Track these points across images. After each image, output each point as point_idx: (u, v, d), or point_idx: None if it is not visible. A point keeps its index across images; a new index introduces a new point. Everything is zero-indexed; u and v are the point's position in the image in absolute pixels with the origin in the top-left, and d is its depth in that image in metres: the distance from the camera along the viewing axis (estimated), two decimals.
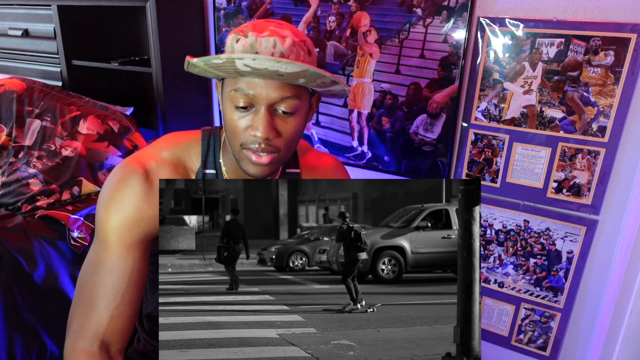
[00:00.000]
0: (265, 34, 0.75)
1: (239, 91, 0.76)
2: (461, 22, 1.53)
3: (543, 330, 1.67)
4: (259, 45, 0.74)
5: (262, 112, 0.76)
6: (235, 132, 0.79)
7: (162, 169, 0.86)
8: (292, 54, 0.75)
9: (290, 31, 0.77)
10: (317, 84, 0.77)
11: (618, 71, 1.35)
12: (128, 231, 0.82)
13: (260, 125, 0.76)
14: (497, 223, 1.65)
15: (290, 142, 0.81)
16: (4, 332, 1.41)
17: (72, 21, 2.10)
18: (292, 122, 0.79)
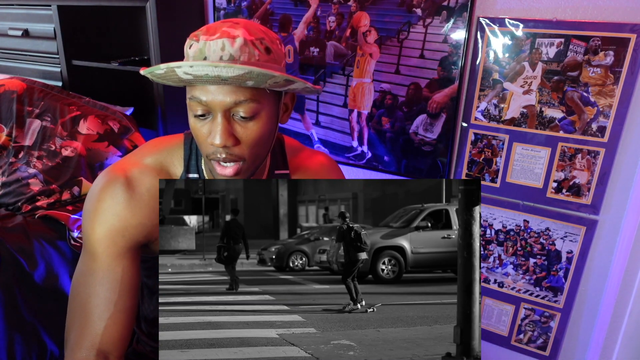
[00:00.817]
0: (215, 37, 0.72)
1: (193, 99, 0.74)
2: (461, 22, 1.53)
3: (543, 330, 1.68)
4: (207, 50, 0.72)
5: (218, 119, 0.74)
6: (199, 141, 0.78)
7: (145, 175, 0.84)
8: (244, 54, 0.72)
9: (244, 30, 0.73)
10: (270, 85, 0.73)
11: (618, 71, 1.35)
12: (113, 241, 0.81)
13: (217, 132, 0.73)
14: (497, 223, 1.65)
15: (254, 148, 0.78)
16: (4, 332, 1.41)
17: (72, 21, 2.10)
18: (253, 127, 0.76)
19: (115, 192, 0.82)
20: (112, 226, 0.81)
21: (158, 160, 0.88)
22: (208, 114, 0.75)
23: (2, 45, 2.40)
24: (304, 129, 1.94)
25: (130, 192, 0.82)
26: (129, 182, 0.83)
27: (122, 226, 0.82)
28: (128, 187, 0.83)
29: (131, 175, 0.84)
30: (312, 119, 1.91)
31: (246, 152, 0.77)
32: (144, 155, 0.88)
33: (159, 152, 0.89)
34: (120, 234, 0.82)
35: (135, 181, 0.83)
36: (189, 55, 0.74)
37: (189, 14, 1.98)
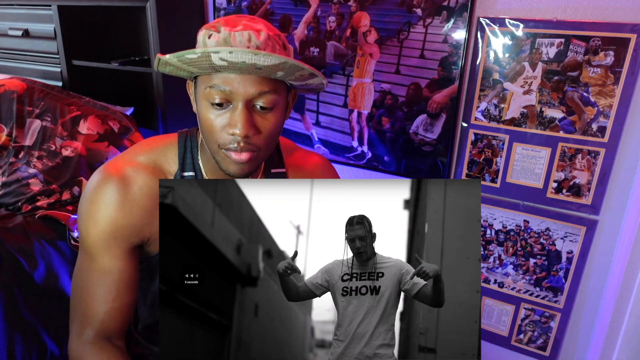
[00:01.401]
0: (239, 28, 0.72)
1: (214, 88, 0.73)
2: (461, 22, 1.53)
3: (543, 330, 1.67)
4: (232, 40, 0.72)
5: (240, 109, 0.74)
6: (212, 131, 0.77)
7: (138, 174, 0.84)
8: (268, 47, 0.73)
9: (263, 25, 0.75)
10: (296, 77, 0.75)
11: (618, 71, 1.35)
12: (108, 243, 0.82)
13: (239, 122, 0.74)
14: (497, 223, 1.65)
15: (269, 139, 0.79)
16: (4, 332, 1.41)
17: (72, 21, 2.10)
18: (271, 118, 0.77)
19: (107, 192, 0.82)
20: (105, 229, 0.82)
21: (151, 159, 0.87)
22: (227, 103, 0.75)
23: (2, 45, 2.40)
24: (304, 129, 1.94)
25: (122, 193, 0.82)
26: (122, 182, 0.82)
27: (114, 228, 0.82)
28: (121, 187, 0.82)
29: (124, 174, 0.83)
30: (312, 119, 1.91)
31: (263, 142, 0.78)
32: (137, 154, 0.88)
33: (153, 151, 0.89)
34: (113, 235, 0.82)
35: (129, 180, 0.83)
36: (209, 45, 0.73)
37: (189, 14, 1.98)
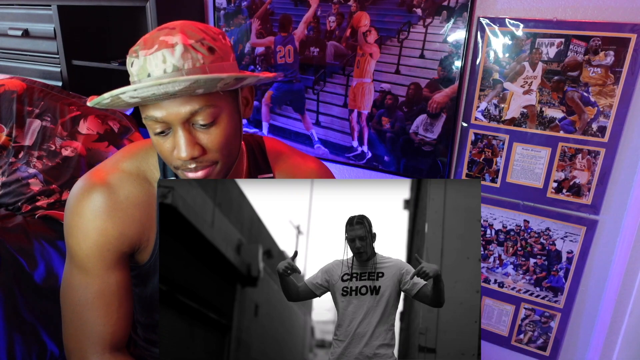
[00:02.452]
0: (154, 49, 0.69)
1: (148, 118, 0.72)
2: (461, 22, 1.53)
3: (543, 330, 1.68)
4: (149, 65, 0.69)
5: (179, 133, 0.72)
6: (165, 156, 0.76)
7: (123, 181, 0.82)
8: (187, 61, 0.68)
9: (181, 35, 0.70)
10: (221, 87, 0.70)
11: (618, 71, 1.35)
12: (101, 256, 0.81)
13: (182, 145, 0.72)
14: (497, 223, 1.65)
15: (224, 150, 0.76)
16: (4, 332, 1.41)
17: (72, 21, 2.10)
18: (215, 131, 0.73)
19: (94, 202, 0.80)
20: (96, 241, 0.80)
21: (135, 165, 0.86)
22: (168, 129, 0.73)
23: (2, 45, 2.40)
24: (304, 129, 1.94)
25: (109, 201, 0.80)
26: (107, 190, 0.81)
27: (106, 240, 0.80)
28: (106, 195, 0.80)
29: (109, 182, 0.81)
30: (312, 119, 1.91)
31: (217, 155, 0.76)
32: (119, 161, 0.86)
33: (135, 157, 0.87)
34: (106, 248, 0.81)
35: (114, 188, 0.81)
36: (133, 74, 0.71)
37: (189, 14, 1.98)
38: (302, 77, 1.88)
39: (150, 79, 0.67)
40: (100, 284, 0.81)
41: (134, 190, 0.83)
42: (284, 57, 1.89)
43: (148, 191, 0.85)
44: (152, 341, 1.05)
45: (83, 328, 0.82)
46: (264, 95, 1.98)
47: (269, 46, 1.90)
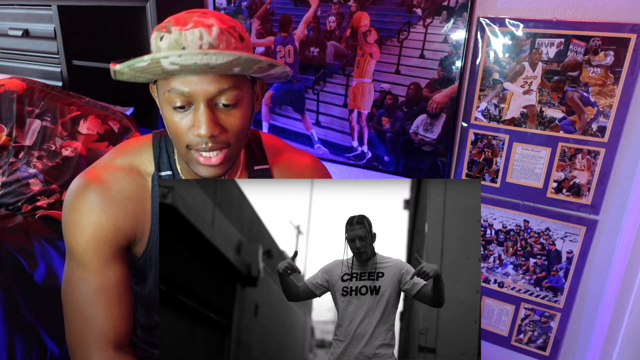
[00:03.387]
0: (190, 26, 0.70)
1: (172, 91, 0.72)
2: (461, 22, 1.53)
3: (543, 330, 1.68)
4: (184, 40, 0.70)
5: (201, 109, 0.72)
6: (178, 134, 0.76)
7: (116, 177, 0.84)
8: (222, 43, 0.70)
9: (215, 19, 0.72)
10: (254, 70, 0.73)
11: (618, 71, 1.35)
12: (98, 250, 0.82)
13: (203, 122, 0.72)
14: (497, 223, 1.65)
15: (239, 135, 0.77)
16: (4, 332, 1.41)
17: (72, 21, 2.10)
18: (236, 114, 0.75)
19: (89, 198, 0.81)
20: (92, 235, 0.81)
21: (127, 161, 0.87)
22: (188, 105, 0.73)
23: (2, 45, 2.40)
24: (304, 129, 1.94)
25: (103, 197, 0.82)
26: (101, 186, 0.82)
27: (101, 233, 0.82)
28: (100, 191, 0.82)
29: (102, 178, 0.83)
30: (312, 119, 1.91)
31: (232, 138, 0.77)
32: (112, 158, 0.88)
33: (127, 154, 0.88)
34: (102, 241, 0.82)
35: (107, 184, 0.83)
36: (162, 48, 0.71)
37: None
38: (302, 77, 1.88)
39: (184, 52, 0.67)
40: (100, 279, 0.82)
41: (127, 184, 0.85)
42: (284, 57, 1.89)
43: (141, 185, 0.86)
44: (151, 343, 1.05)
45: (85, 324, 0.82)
46: (263, 95, 1.98)
47: (269, 46, 1.90)
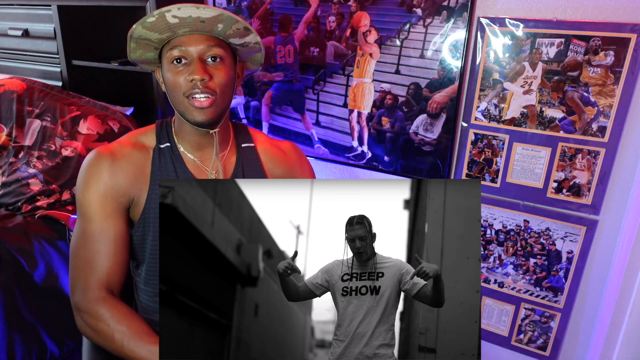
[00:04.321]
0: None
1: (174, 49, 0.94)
2: (461, 22, 1.53)
3: (543, 330, 1.68)
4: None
5: (195, 60, 0.94)
6: (177, 85, 0.95)
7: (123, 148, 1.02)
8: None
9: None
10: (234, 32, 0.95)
11: (618, 71, 1.35)
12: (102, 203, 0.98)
13: (196, 69, 0.93)
14: (497, 223, 1.65)
15: (223, 87, 0.96)
16: (4, 332, 1.41)
17: (72, 21, 2.10)
18: (222, 68, 0.96)
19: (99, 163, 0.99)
20: (98, 190, 0.98)
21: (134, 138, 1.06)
22: (185, 59, 0.94)
23: (2, 45, 2.40)
24: (304, 129, 1.94)
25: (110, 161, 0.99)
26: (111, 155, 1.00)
27: (105, 189, 0.98)
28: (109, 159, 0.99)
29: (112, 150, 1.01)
30: (312, 119, 1.91)
31: (217, 88, 0.95)
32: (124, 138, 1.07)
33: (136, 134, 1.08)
34: (105, 196, 0.98)
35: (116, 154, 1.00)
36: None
37: None
38: (302, 77, 1.88)
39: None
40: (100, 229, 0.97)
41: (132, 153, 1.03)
42: (284, 57, 1.89)
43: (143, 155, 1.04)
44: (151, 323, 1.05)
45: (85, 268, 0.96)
46: (264, 95, 1.98)
47: (269, 46, 1.90)
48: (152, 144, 1.06)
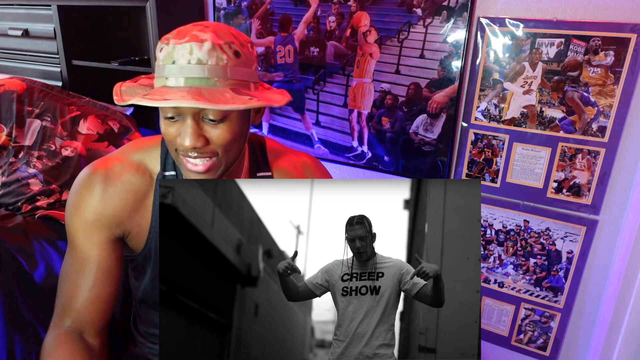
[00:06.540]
0: (184, 40, 0.73)
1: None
2: (461, 22, 1.53)
3: (543, 330, 1.68)
4: (176, 54, 0.73)
5: (187, 122, 0.76)
6: (168, 139, 0.80)
7: (124, 170, 0.88)
8: (212, 58, 0.73)
9: (212, 34, 0.74)
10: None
11: (618, 71, 1.35)
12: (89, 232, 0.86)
13: (186, 134, 0.76)
14: (497, 223, 1.65)
15: (227, 146, 0.79)
16: (4, 332, 1.41)
17: (72, 21, 2.10)
18: (223, 127, 0.78)
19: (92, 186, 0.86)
20: (86, 217, 0.86)
21: (138, 158, 0.91)
22: (178, 115, 0.77)
23: (2, 45, 2.39)
24: (304, 129, 1.94)
25: (105, 185, 0.86)
26: (107, 176, 0.87)
27: (96, 218, 0.86)
28: (105, 180, 0.87)
29: (111, 168, 0.88)
30: (312, 119, 1.91)
31: (219, 150, 0.80)
32: (128, 153, 0.92)
33: (140, 151, 0.93)
34: (94, 225, 0.86)
35: (114, 174, 0.87)
36: (159, 59, 0.76)
37: (189, 14, 1.98)
38: (302, 77, 1.88)
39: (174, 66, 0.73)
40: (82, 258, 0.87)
41: (132, 178, 0.89)
42: (284, 57, 1.89)
43: (146, 181, 0.90)
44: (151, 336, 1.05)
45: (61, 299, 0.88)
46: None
47: (269, 46, 1.90)
48: (155, 169, 0.91)
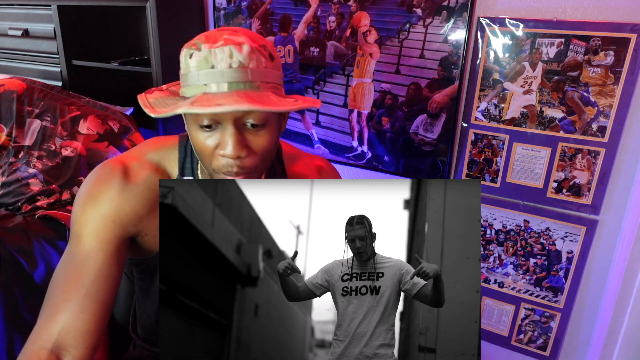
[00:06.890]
0: (220, 44, 0.69)
1: None
2: (461, 22, 1.53)
3: (543, 330, 1.68)
4: (213, 58, 0.69)
5: (229, 129, 0.71)
6: (205, 153, 0.74)
7: (143, 169, 0.84)
8: (252, 61, 0.70)
9: (246, 37, 0.71)
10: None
11: (618, 71, 1.35)
12: (102, 225, 0.79)
13: (230, 143, 0.70)
14: (497, 223, 1.65)
15: (265, 156, 0.75)
16: (4, 332, 1.41)
17: (72, 21, 2.10)
18: (264, 134, 0.74)
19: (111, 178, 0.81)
20: (103, 209, 0.79)
21: (156, 158, 0.87)
22: (215, 124, 0.72)
23: (2, 45, 2.39)
24: (304, 129, 1.94)
25: (126, 180, 0.81)
26: (127, 172, 0.82)
27: (115, 211, 0.80)
28: (125, 175, 0.82)
29: (130, 166, 0.83)
30: (312, 119, 1.91)
31: (258, 162, 0.75)
32: (144, 152, 0.88)
33: (158, 151, 0.89)
34: (111, 218, 0.80)
35: (133, 172, 0.83)
36: (190, 65, 0.71)
37: (189, 14, 1.98)
38: (302, 77, 1.88)
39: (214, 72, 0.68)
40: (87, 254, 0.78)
41: (152, 177, 0.84)
42: (284, 57, 1.89)
43: None
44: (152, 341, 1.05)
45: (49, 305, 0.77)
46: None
47: None
48: (173, 172, 0.87)
